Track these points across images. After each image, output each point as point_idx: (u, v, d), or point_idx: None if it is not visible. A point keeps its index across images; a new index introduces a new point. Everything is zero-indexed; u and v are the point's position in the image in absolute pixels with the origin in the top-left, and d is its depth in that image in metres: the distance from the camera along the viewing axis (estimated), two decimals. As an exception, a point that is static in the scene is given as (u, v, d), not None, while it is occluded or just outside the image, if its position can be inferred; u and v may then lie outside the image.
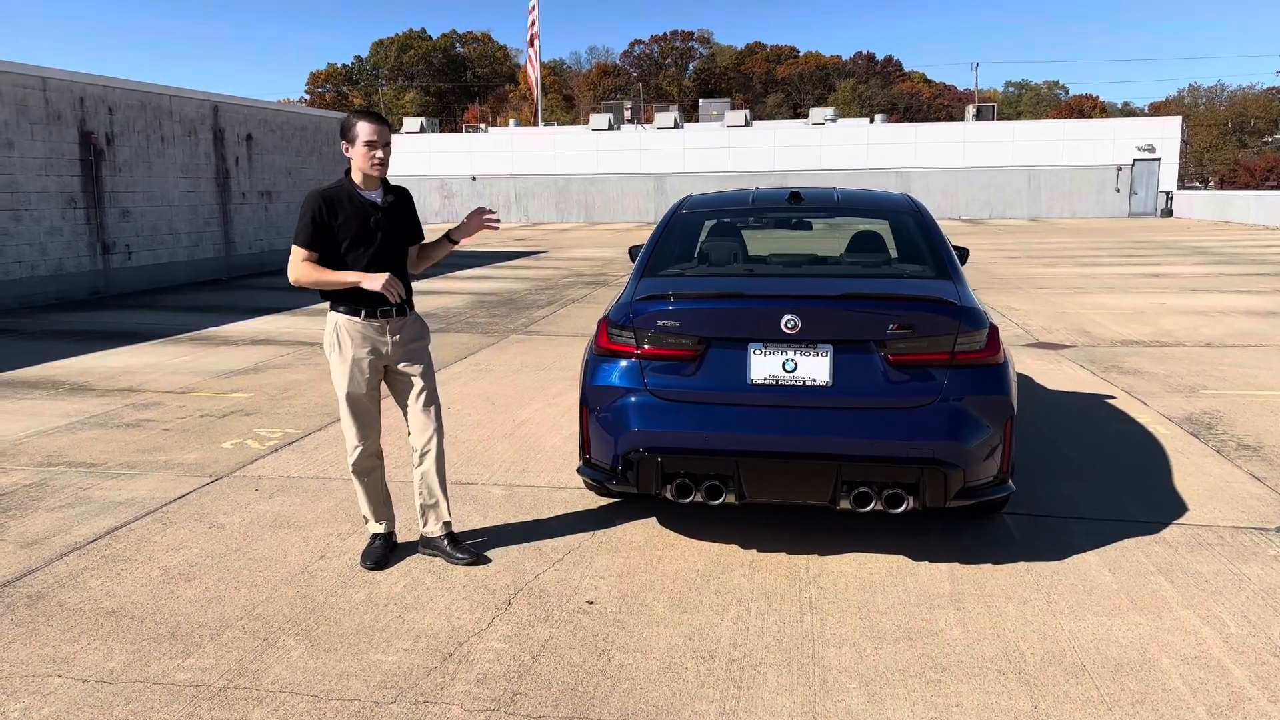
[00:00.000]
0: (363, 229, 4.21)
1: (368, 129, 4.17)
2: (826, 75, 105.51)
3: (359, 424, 4.37)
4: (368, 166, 4.21)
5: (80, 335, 11.35)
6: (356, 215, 4.20)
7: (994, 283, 16.35)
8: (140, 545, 4.68)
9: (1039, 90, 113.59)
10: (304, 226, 4.17)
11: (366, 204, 4.24)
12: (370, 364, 4.30)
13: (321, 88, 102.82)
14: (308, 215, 4.17)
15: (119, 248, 15.50)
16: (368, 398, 4.35)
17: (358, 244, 4.21)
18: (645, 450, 4.28)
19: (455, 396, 7.92)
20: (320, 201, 4.18)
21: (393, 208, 4.32)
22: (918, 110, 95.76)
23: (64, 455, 6.26)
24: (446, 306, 13.95)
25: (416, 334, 4.43)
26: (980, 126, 42.93)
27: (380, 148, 4.19)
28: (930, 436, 4.10)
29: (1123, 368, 8.93)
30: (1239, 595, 4.06)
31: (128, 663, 3.54)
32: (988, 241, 27.35)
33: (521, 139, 45.67)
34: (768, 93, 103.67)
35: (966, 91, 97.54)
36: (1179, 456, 6.08)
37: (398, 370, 4.37)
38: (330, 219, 4.17)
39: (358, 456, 4.40)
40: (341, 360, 4.29)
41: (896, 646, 3.64)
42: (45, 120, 14.05)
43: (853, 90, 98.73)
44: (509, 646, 3.65)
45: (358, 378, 4.29)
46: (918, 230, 5.14)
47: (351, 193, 4.23)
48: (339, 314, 4.29)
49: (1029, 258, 21.62)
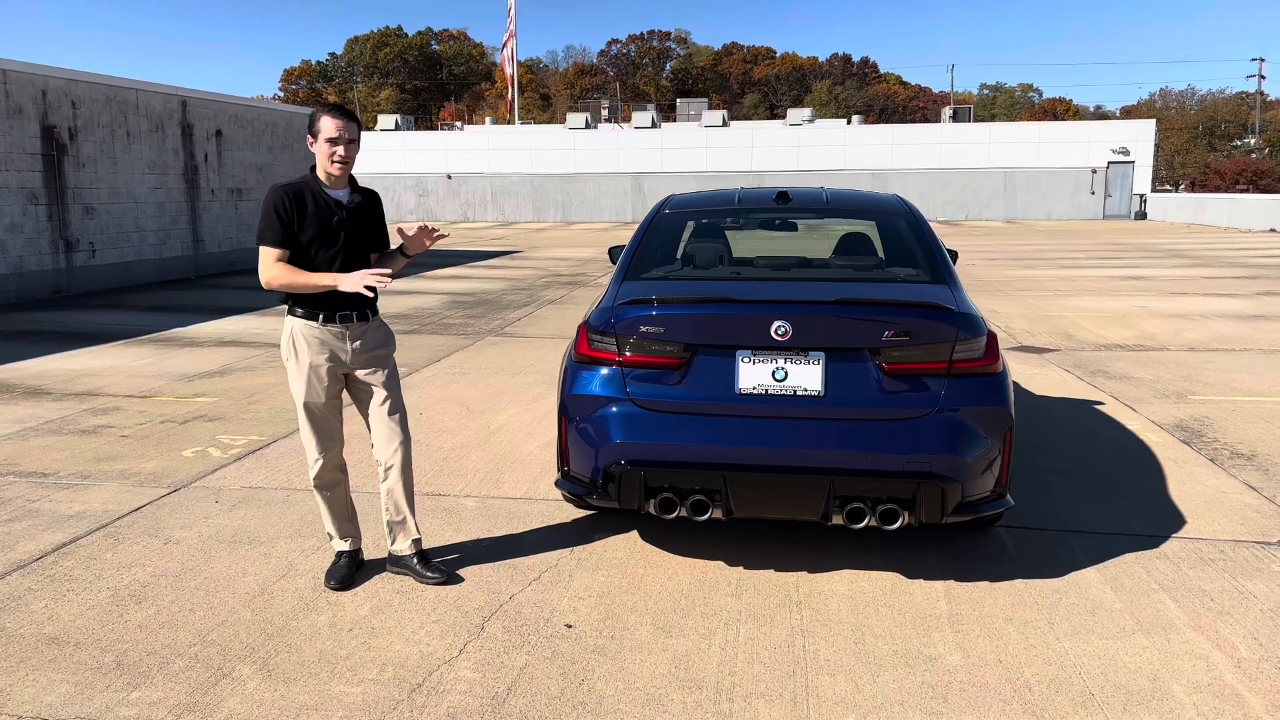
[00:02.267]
0: (325, 228, 3.95)
1: (331, 124, 3.92)
2: (803, 76, 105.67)
3: (319, 435, 4.11)
4: (329, 164, 3.96)
5: (39, 336, 10.98)
6: (320, 214, 3.95)
7: (974, 285, 16.23)
8: (89, 563, 4.40)
9: (1013, 93, 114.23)
10: (269, 224, 3.91)
11: (331, 202, 3.98)
12: (329, 371, 4.04)
13: (295, 84, 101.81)
14: (271, 212, 3.90)
15: (83, 245, 15.08)
16: (327, 407, 4.09)
17: (320, 244, 3.96)
18: (627, 463, 4.05)
19: (428, 401, 7.66)
20: (283, 196, 3.92)
21: (359, 208, 4.07)
22: (894, 112, 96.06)
23: (13, 464, 5.95)
24: (420, 307, 13.65)
25: (380, 340, 4.18)
26: (957, 128, 42.99)
27: (343, 144, 3.94)
28: (927, 449, 3.90)
29: (1109, 372, 8.79)
30: (1247, 615, 3.89)
31: (68, 696, 3.27)
32: (966, 243, 27.30)
33: (498, 137, 45.31)
34: (745, 93, 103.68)
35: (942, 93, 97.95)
36: (1172, 465, 5.92)
37: (359, 379, 4.12)
38: (293, 215, 3.91)
39: (319, 470, 4.14)
40: (298, 368, 4.03)
41: (894, 674, 3.43)
42: (5, 114, 13.63)
43: (829, 91, 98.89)
44: (482, 676, 3.41)
45: (315, 386, 4.04)
46: (910, 232, 4.94)
47: (315, 190, 3.97)
48: (296, 318, 4.03)
49: (1008, 260, 21.57)
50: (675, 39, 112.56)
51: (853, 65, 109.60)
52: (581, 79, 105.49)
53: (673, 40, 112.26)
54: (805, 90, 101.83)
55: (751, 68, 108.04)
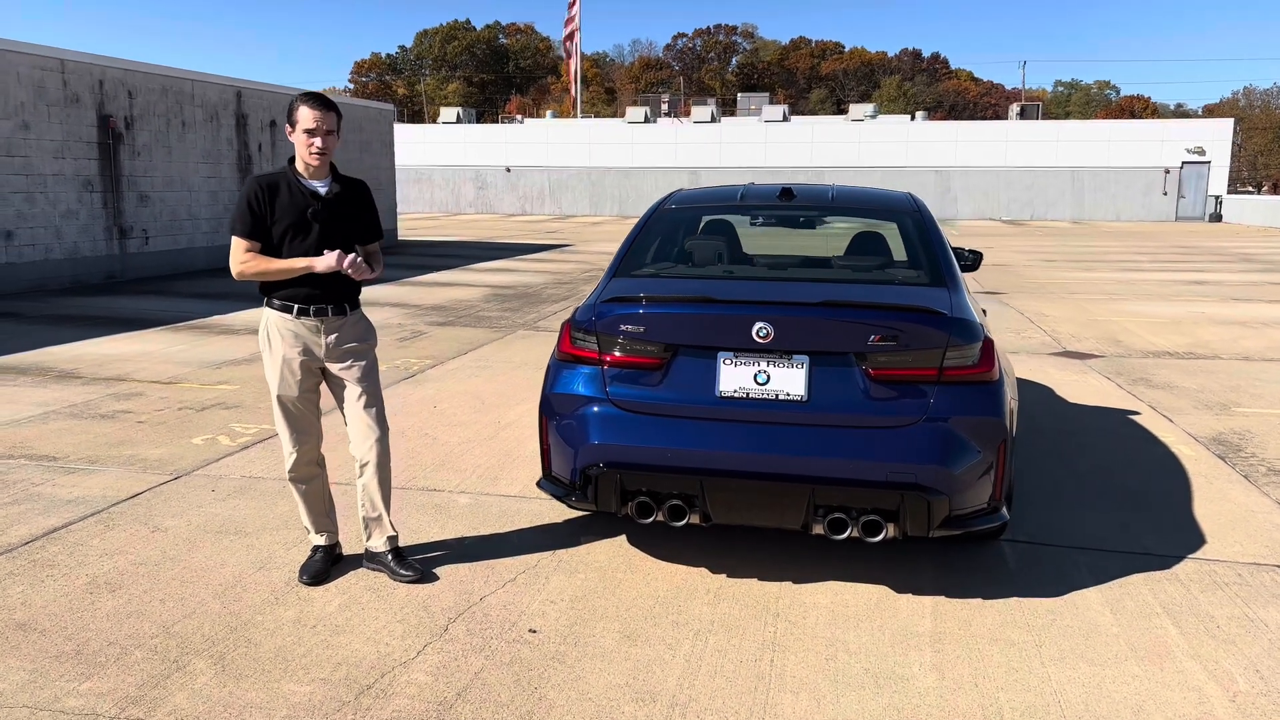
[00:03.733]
0: (299, 219, 3.90)
1: (309, 115, 3.86)
2: (871, 71, 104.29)
3: (293, 428, 4.07)
4: (306, 155, 3.90)
5: (83, 320, 11.22)
6: (293, 204, 3.90)
7: (1026, 287, 15.79)
8: (75, 550, 4.43)
9: (1089, 90, 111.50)
10: (240, 215, 3.89)
11: (306, 193, 3.93)
12: (302, 364, 4.00)
13: (365, 77, 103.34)
14: (244, 203, 3.88)
15: (136, 232, 15.41)
16: (301, 400, 4.05)
17: (293, 234, 3.91)
18: (604, 465, 3.95)
19: (445, 394, 7.64)
20: (257, 188, 3.89)
21: (337, 199, 4.01)
22: (963, 108, 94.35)
23: (28, 446, 6.04)
24: (459, 299, 13.69)
25: (358, 335, 4.12)
26: (1024, 126, 42.00)
27: (320, 135, 3.88)
28: (912, 459, 3.73)
29: (1152, 381, 8.44)
30: (1253, 645, 3.65)
31: (22, 683, 3.27)
32: (1025, 243, 26.66)
33: (557, 131, 45.41)
34: (811, 88, 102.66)
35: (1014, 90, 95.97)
36: (1202, 481, 5.64)
37: (334, 373, 4.07)
38: (266, 207, 3.87)
39: (293, 463, 4.10)
40: (272, 359, 4.00)
41: (861, 694, 3.28)
42: (63, 103, 13.97)
43: (898, 87, 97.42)
44: (434, 680, 3.34)
45: (288, 379, 4.00)
46: (915, 232, 4.75)
47: (291, 181, 3.93)
48: (271, 310, 4.00)
49: (1066, 261, 20.98)
50: (742, 33, 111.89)
51: (923, 61, 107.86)
52: (646, 73, 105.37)
53: (739, 34, 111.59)
54: (874, 86, 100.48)
55: (819, 62, 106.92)
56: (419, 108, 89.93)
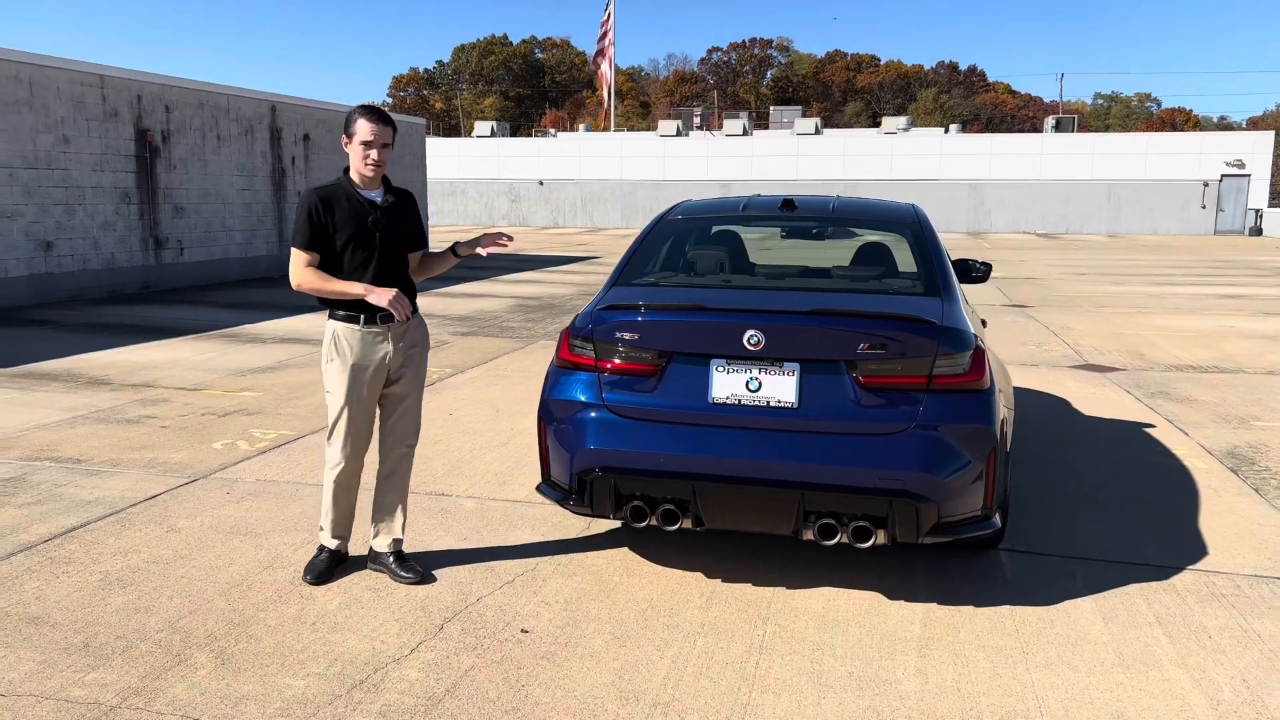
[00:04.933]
0: (360, 229, 4.02)
1: (367, 128, 3.99)
2: (908, 84, 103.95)
3: (354, 437, 4.14)
4: (362, 166, 4.03)
5: (117, 329, 11.49)
6: (354, 214, 4.01)
7: (1054, 300, 15.69)
8: (91, 547, 4.57)
9: (1129, 103, 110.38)
10: (301, 227, 3.98)
11: (365, 203, 4.05)
12: (374, 373, 4.11)
13: (404, 91, 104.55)
14: (304, 214, 3.97)
15: (171, 243, 15.75)
16: (368, 408, 4.15)
17: (355, 244, 4.02)
18: (600, 469, 4.03)
19: (461, 403, 7.76)
20: (316, 199, 4.00)
21: (393, 208, 4.13)
22: (1001, 121, 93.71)
23: (54, 450, 6.23)
24: (484, 309, 13.85)
25: (416, 340, 4.26)
26: (1059, 138, 41.69)
27: (377, 148, 4.01)
28: (901, 466, 3.77)
29: (1171, 394, 8.38)
30: (1243, 655, 3.65)
31: (30, 673, 3.40)
32: (1058, 257, 26.46)
33: (590, 144, 45.72)
34: (847, 101, 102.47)
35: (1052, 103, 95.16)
36: (1211, 494, 5.61)
37: (391, 377, 4.18)
38: (326, 218, 3.99)
39: (343, 470, 4.17)
40: (342, 369, 4.07)
41: (842, 696, 3.33)
42: (102, 117, 14.33)
43: (934, 100, 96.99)
44: (425, 676, 3.42)
45: (358, 388, 4.09)
46: (913, 243, 4.79)
47: (349, 191, 4.05)
48: (338, 321, 4.09)
49: (1098, 275, 20.80)
50: (777, 46, 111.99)
51: (959, 73, 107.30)
52: (682, 86, 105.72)
53: (774, 48, 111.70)
54: (910, 98, 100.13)
55: (854, 75, 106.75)
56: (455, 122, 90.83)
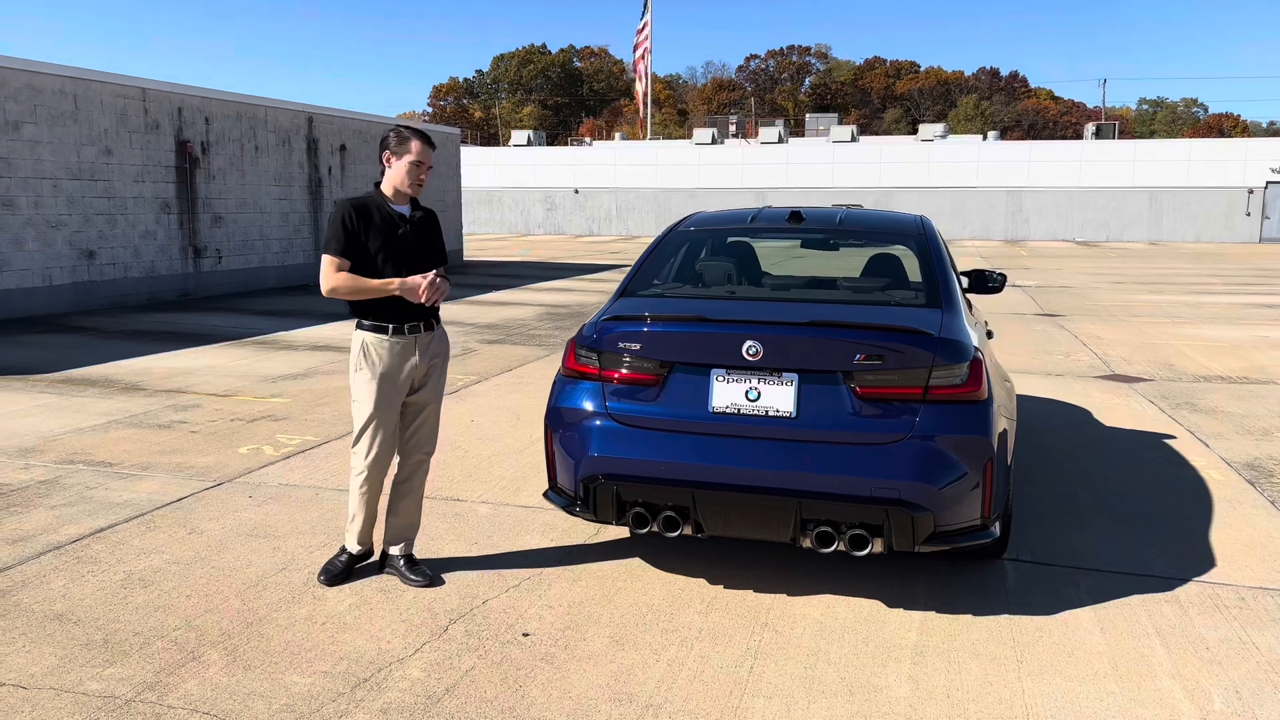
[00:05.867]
0: (390, 240, 4.16)
1: (420, 150, 4.16)
2: (948, 91, 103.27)
3: (380, 447, 4.26)
4: (408, 185, 4.18)
5: (154, 335, 11.78)
6: (385, 226, 4.16)
7: (1087, 309, 15.56)
8: (116, 548, 4.74)
9: (1175, 108, 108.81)
10: (335, 234, 4.12)
11: (395, 216, 4.20)
12: (402, 383, 4.24)
13: (443, 101, 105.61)
14: (338, 222, 4.12)
15: (210, 252, 16.10)
16: (393, 419, 4.28)
17: (384, 255, 4.15)
18: (603, 477, 4.12)
19: (483, 410, 7.89)
20: (350, 209, 4.14)
21: (420, 223, 4.28)
22: (1042, 128, 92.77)
23: (87, 453, 6.44)
24: (513, 317, 14.01)
25: (441, 349, 4.40)
26: (1099, 145, 41.20)
27: (425, 170, 4.19)
28: (897, 475, 3.83)
29: (1197, 405, 8.32)
30: (1240, 667, 3.66)
31: (51, 668, 3.55)
32: (1096, 265, 26.17)
33: (624, 153, 45.91)
34: (886, 108, 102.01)
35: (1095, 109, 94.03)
36: (1225, 505, 5.58)
37: (415, 386, 4.31)
38: (360, 227, 4.13)
39: (366, 480, 4.30)
40: (371, 379, 4.20)
41: (831, 701, 3.39)
42: (143, 129, 14.70)
43: (975, 106, 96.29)
44: (426, 676, 3.53)
45: (387, 396, 4.21)
46: (918, 255, 4.84)
47: (380, 204, 4.20)
48: (365, 331, 4.23)
49: (1135, 284, 20.56)
50: (815, 54, 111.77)
51: (1000, 79, 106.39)
52: (719, 94, 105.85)
53: (813, 55, 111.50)
54: (950, 105, 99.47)
55: (894, 82, 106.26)
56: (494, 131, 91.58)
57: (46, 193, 13.23)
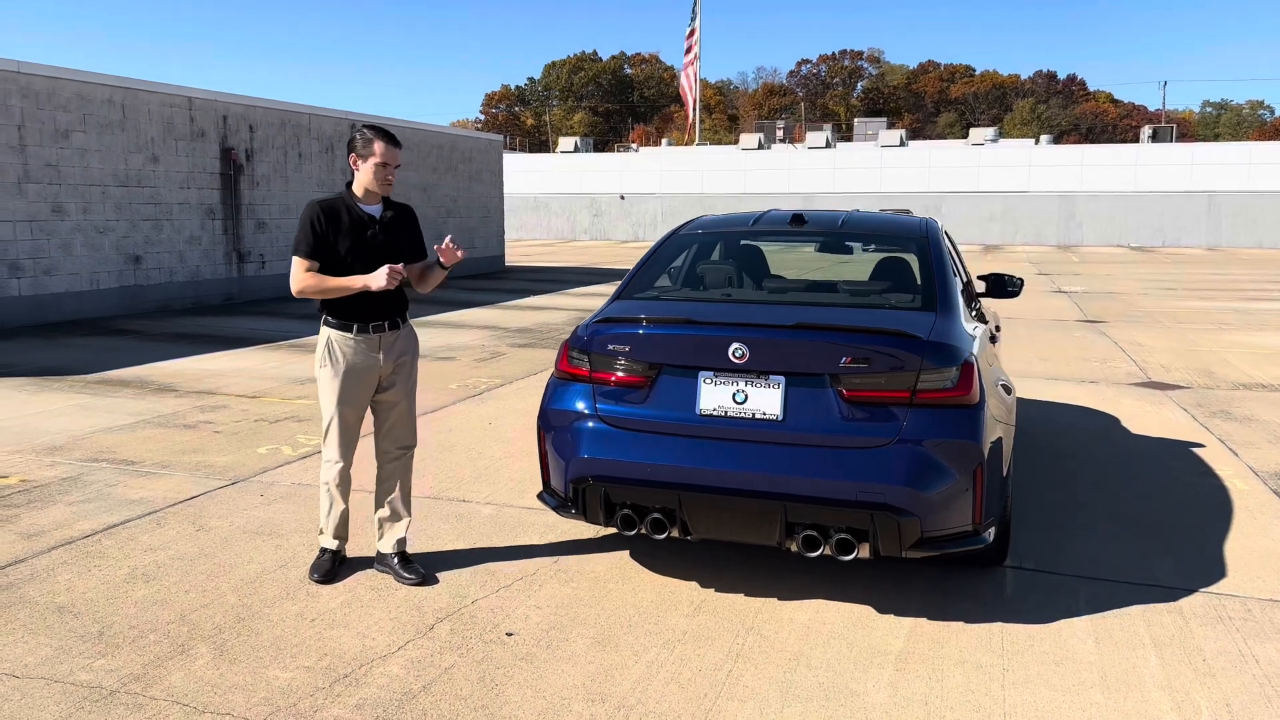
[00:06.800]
0: (359, 241, 4.24)
1: (384, 151, 4.22)
2: (1004, 94, 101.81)
3: (344, 440, 4.37)
4: (376, 185, 4.25)
5: (194, 338, 12.03)
6: (354, 227, 4.24)
7: (1131, 315, 15.24)
8: (125, 544, 4.85)
9: (1240, 110, 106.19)
10: (303, 237, 4.21)
11: (365, 217, 4.27)
12: (364, 380, 4.32)
13: (495, 108, 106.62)
14: (307, 225, 4.21)
15: (253, 257, 16.41)
16: (359, 413, 4.38)
17: (354, 255, 4.23)
18: (592, 478, 4.14)
19: (502, 412, 7.94)
20: (318, 211, 4.23)
21: (391, 222, 4.34)
22: (1101, 131, 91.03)
23: (112, 452, 6.60)
24: (545, 322, 14.09)
25: (408, 347, 4.47)
26: (1154, 148, 40.34)
27: (392, 170, 4.25)
28: (883, 480, 3.79)
29: (1232, 414, 8.11)
30: (1234, 680, 3.56)
31: (46, 658, 3.64)
32: (1148, 271, 25.62)
33: (671, 159, 45.94)
34: (939, 112, 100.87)
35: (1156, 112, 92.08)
36: (1245, 516, 5.44)
37: (383, 384, 4.39)
38: (328, 229, 4.21)
39: (338, 472, 4.40)
40: (334, 375, 4.30)
41: (807, 706, 3.36)
42: (189, 137, 15.04)
43: (1031, 110, 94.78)
44: (406, 673, 3.57)
45: (350, 393, 4.31)
46: (918, 258, 4.78)
47: (350, 205, 4.27)
48: (331, 329, 4.32)
49: (1186, 290, 20.09)
50: (868, 58, 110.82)
51: (1058, 83, 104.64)
52: (770, 99, 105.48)
53: (865, 59, 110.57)
54: (1005, 109, 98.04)
55: (948, 86, 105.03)
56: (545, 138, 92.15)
57: (95, 199, 13.60)
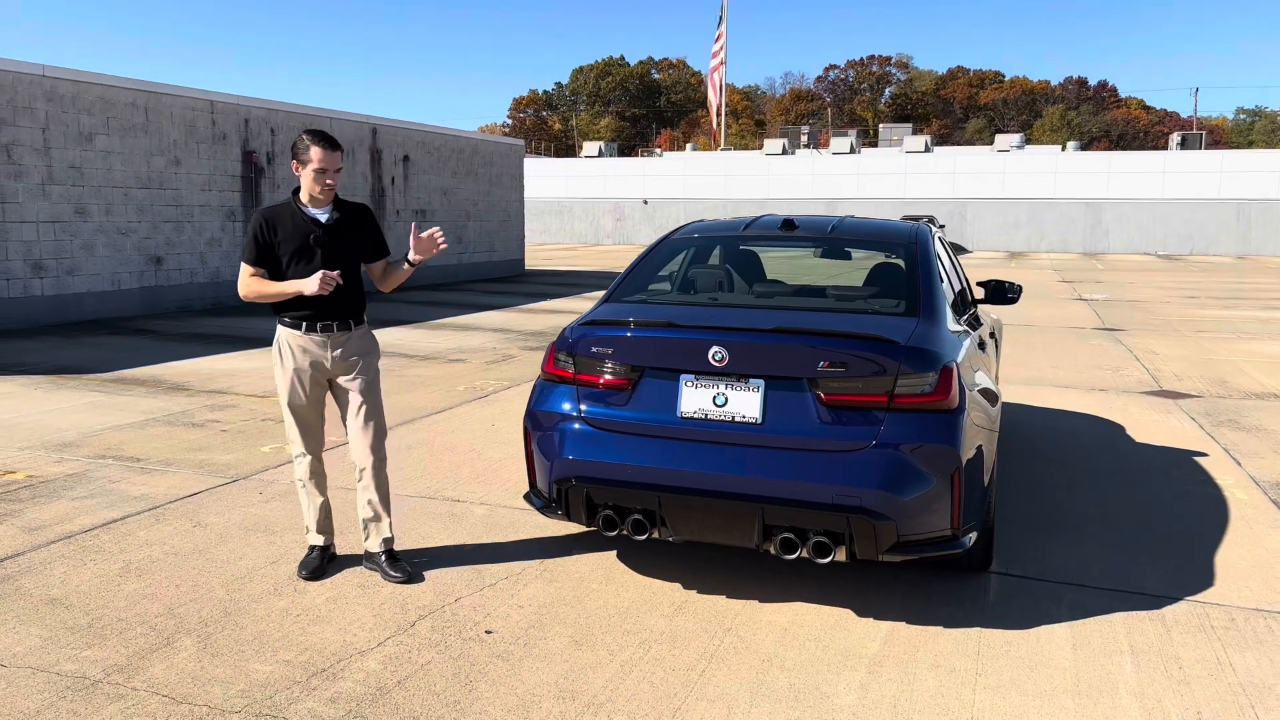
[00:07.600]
0: (302, 245, 4.32)
1: (320, 156, 4.28)
2: (1033, 100, 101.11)
3: (302, 433, 4.50)
4: (316, 191, 4.33)
5: (210, 338, 12.20)
6: (297, 232, 4.33)
7: (1150, 323, 15.11)
8: (122, 539, 4.95)
9: (1274, 117, 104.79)
10: (248, 245, 4.39)
11: (309, 221, 4.35)
12: (311, 377, 4.42)
13: (523, 113, 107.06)
14: (251, 234, 4.37)
15: (274, 259, 16.58)
16: (309, 409, 4.48)
17: (298, 260, 4.33)
18: (575, 479, 4.18)
19: (506, 414, 8.01)
20: (262, 220, 4.35)
21: (338, 225, 4.41)
22: (1132, 138, 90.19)
23: (119, 449, 6.72)
24: (559, 325, 14.11)
25: (362, 349, 4.52)
26: (1182, 156, 39.94)
27: (330, 174, 4.30)
28: (859, 483, 3.80)
29: (1240, 423, 8.04)
30: (1209, 688, 3.55)
31: (33, 648, 3.73)
32: (1173, 279, 25.37)
33: (694, 164, 45.99)
34: (968, 118, 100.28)
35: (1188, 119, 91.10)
36: (1241, 525, 5.40)
37: (339, 384, 4.47)
38: (270, 236, 4.31)
39: (304, 465, 4.52)
40: (283, 372, 4.43)
41: (775, 707, 3.38)
42: (211, 140, 15.25)
43: (1061, 116, 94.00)
44: (382, 668, 3.62)
45: (297, 390, 4.42)
46: (905, 264, 4.80)
47: (294, 211, 4.36)
48: (283, 327, 4.43)
49: (1210, 298, 19.89)
50: (896, 64, 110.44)
51: (1089, 89, 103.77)
52: (797, 105, 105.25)
53: (893, 65, 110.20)
54: (1035, 115, 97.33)
55: (977, 92, 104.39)
56: (572, 142, 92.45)
57: (117, 201, 13.81)
